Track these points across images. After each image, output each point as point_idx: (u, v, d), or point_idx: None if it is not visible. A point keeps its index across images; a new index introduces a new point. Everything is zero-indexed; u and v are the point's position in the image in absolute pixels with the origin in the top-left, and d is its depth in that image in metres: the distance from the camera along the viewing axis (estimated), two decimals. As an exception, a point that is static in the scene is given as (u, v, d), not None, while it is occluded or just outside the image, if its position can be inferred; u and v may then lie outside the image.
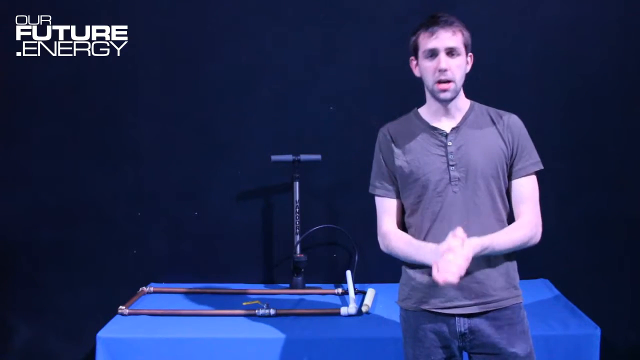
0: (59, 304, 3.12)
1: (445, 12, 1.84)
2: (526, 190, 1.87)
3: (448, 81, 1.82)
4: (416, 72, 1.90)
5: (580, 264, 3.07)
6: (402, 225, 1.94)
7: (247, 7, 3.07)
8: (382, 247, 1.92)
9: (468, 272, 1.81)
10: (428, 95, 1.91)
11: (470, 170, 1.83)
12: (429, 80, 1.84)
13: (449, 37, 1.80)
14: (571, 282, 2.98)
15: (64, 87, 3.09)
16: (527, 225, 1.83)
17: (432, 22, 1.82)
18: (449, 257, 1.67)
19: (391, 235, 1.89)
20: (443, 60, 1.80)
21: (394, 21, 2.97)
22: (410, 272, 1.90)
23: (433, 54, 1.82)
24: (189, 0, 3.07)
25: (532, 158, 1.88)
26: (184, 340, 2.42)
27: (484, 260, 1.83)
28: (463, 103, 1.91)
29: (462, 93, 1.90)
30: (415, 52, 1.88)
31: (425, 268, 1.85)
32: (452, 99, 1.85)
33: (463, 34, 1.83)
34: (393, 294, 2.04)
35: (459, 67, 1.82)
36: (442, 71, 1.80)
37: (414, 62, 1.90)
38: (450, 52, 1.81)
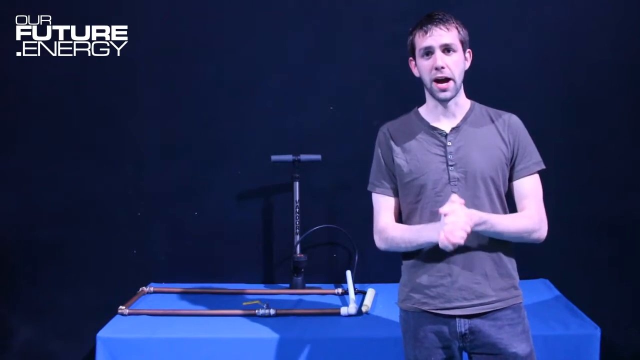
0: (59, 304, 3.11)
1: (441, 11, 1.84)
2: (529, 188, 1.86)
3: (446, 79, 1.81)
4: (415, 73, 1.90)
5: (580, 264, 3.07)
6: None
7: (247, 7, 3.07)
8: (379, 243, 1.91)
9: (468, 273, 1.82)
10: (427, 95, 1.91)
11: (470, 170, 1.83)
12: (427, 78, 1.84)
13: (443, 34, 1.80)
14: (571, 282, 2.98)
15: (64, 87, 3.09)
16: (531, 217, 1.83)
17: (426, 21, 1.82)
18: (451, 219, 1.67)
19: (389, 228, 1.89)
20: (439, 57, 1.80)
21: (394, 21, 2.97)
22: (410, 273, 1.90)
23: (429, 52, 1.82)
24: (189, 0, 3.07)
25: (533, 158, 1.88)
26: (184, 340, 2.42)
27: (484, 261, 1.83)
28: (463, 102, 1.90)
29: (462, 92, 1.89)
30: (412, 52, 1.88)
31: (426, 268, 1.85)
32: (451, 98, 1.85)
33: (459, 31, 1.83)
34: (393, 294, 2.03)
35: (456, 63, 1.82)
36: (439, 69, 1.80)
37: (412, 63, 1.90)
38: (446, 49, 1.80)
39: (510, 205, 1.90)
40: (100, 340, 2.41)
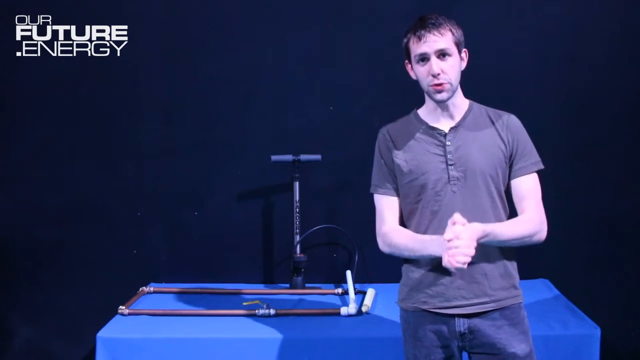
0: (59, 304, 3.11)
1: (434, 13, 1.83)
2: (527, 188, 1.86)
3: (442, 83, 1.81)
4: (412, 75, 1.90)
5: (580, 264, 3.07)
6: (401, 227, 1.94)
7: (247, 7, 3.07)
8: (382, 246, 1.91)
9: (467, 272, 1.82)
10: (426, 97, 1.91)
11: (469, 169, 1.83)
12: (424, 84, 1.85)
13: (437, 40, 1.79)
14: (571, 282, 2.98)
15: (64, 87, 3.09)
16: (532, 220, 1.83)
17: (419, 26, 1.82)
18: (455, 243, 1.67)
19: (393, 232, 1.89)
20: (435, 64, 1.80)
21: (394, 20, 2.96)
22: (410, 272, 1.90)
23: (424, 58, 1.82)
24: (189, 0, 3.07)
25: (532, 157, 1.88)
26: (184, 340, 2.42)
27: (484, 260, 1.83)
28: (462, 102, 1.91)
29: (460, 92, 1.90)
30: (407, 56, 1.88)
31: (425, 267, 1.85)
32: (448, 99, 1.85)
33: (453, 33, 1.82)
34: (393, 294, 2.04)
35: (452, 67, 1.82)
36: (435, 75, 1.80)
37: (409, 66, 1.90)
38: (441, 54, 1.81)
39: (510, 204, 1.90)
40: (100, 340, 2.41)
